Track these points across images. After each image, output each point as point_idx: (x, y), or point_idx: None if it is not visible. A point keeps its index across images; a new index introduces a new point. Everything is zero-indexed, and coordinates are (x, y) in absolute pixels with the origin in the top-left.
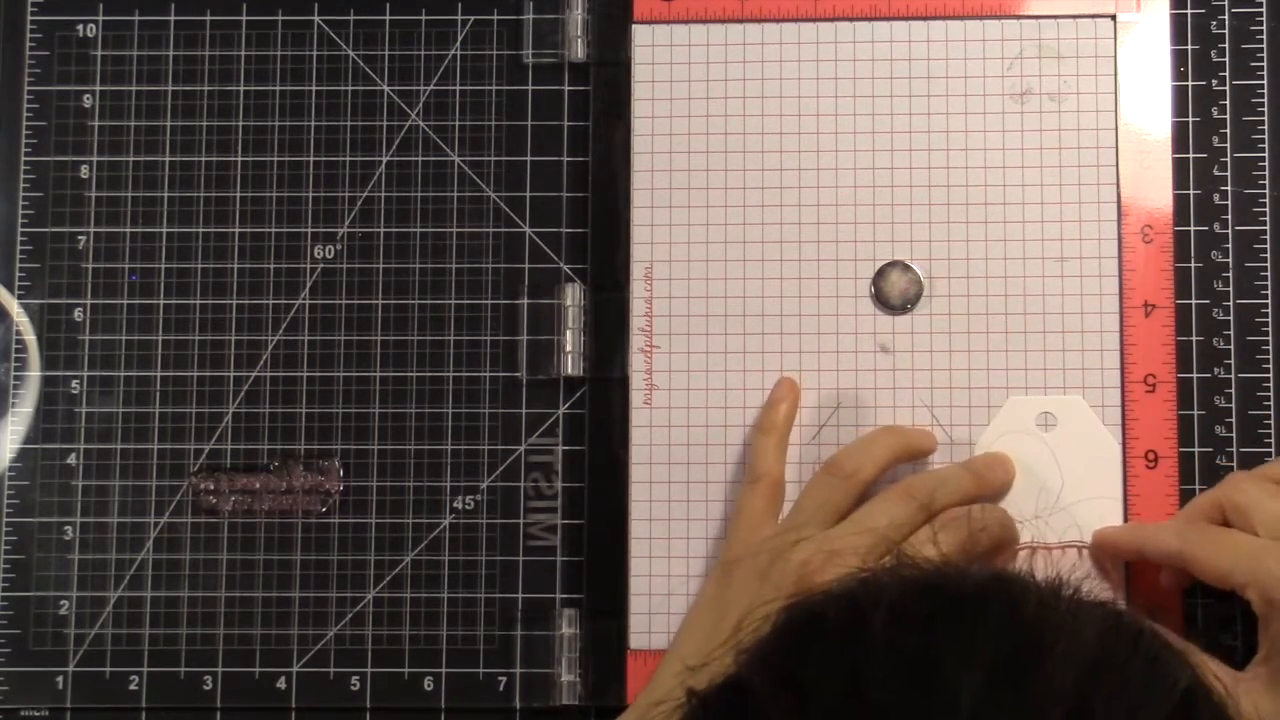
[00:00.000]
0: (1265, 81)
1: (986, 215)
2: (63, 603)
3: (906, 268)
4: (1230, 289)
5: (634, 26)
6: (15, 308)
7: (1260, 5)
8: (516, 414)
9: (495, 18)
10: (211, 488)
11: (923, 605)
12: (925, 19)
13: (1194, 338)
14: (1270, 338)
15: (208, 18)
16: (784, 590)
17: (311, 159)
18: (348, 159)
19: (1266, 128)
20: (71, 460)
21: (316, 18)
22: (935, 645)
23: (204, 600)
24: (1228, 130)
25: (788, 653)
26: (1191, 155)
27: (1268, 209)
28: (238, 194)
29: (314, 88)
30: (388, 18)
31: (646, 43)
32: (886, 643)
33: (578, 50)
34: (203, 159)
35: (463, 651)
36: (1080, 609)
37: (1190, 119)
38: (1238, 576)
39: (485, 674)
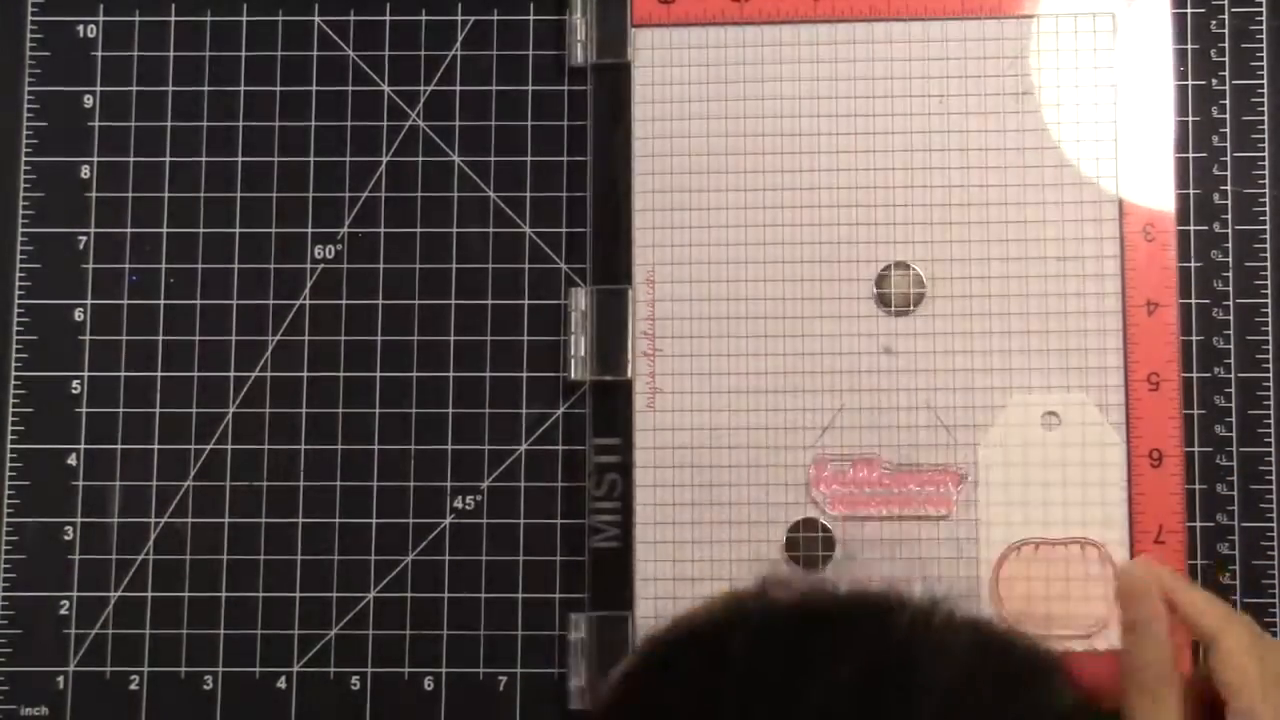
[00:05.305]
0: (1265, 81)
1: (987, 215)
2: (63, 603)
3: (908, 269)
4: (1230, 289)
5: (633, 29)
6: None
7: (1260, 5)
8: (516, 414)
9: (495, 18)
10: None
11: (788, 627)
12: (925, 19)
13: (1194, 337)
14: (1270, 338)
15: (208, 18)
16: None
17: (312, 159)
18: (348, 159)
19: (1266, 128)
20: (71, 460)
21: (316, 18)
22: (797, 667)
23: (204, 600)
24: (1228, 130)
25: (649, 681)
26: (1191, 155)
27: (1268, 209)
28: (238, 194)
29: (314, 88)
30: (388, 18)
31: (646, 45)
32: (747, 666)
33: (577, 53)
34: (203, 159)
35: (464, 652)
36: (952, 628)
37: (1190, 119)
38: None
39: (485, 674)
